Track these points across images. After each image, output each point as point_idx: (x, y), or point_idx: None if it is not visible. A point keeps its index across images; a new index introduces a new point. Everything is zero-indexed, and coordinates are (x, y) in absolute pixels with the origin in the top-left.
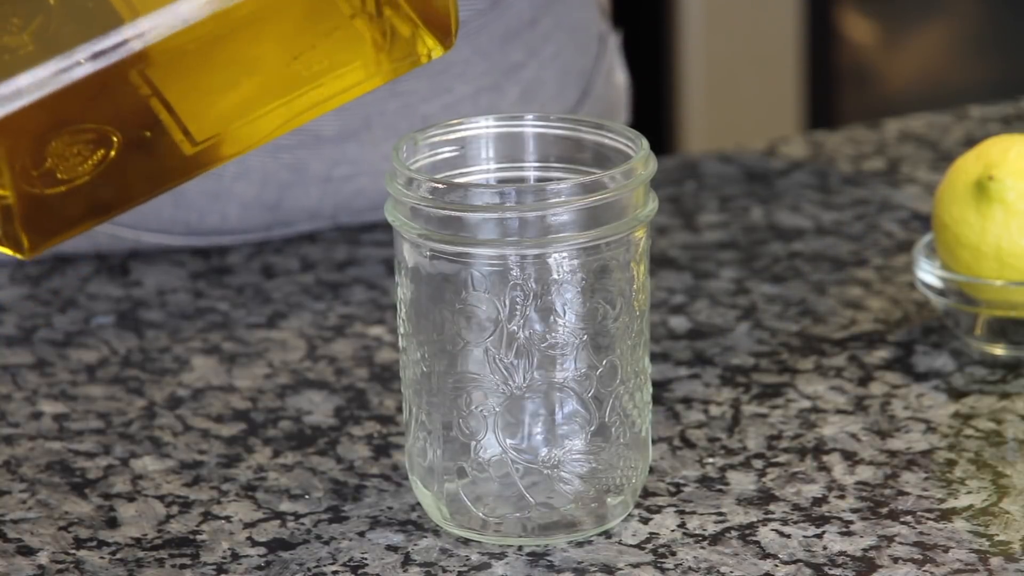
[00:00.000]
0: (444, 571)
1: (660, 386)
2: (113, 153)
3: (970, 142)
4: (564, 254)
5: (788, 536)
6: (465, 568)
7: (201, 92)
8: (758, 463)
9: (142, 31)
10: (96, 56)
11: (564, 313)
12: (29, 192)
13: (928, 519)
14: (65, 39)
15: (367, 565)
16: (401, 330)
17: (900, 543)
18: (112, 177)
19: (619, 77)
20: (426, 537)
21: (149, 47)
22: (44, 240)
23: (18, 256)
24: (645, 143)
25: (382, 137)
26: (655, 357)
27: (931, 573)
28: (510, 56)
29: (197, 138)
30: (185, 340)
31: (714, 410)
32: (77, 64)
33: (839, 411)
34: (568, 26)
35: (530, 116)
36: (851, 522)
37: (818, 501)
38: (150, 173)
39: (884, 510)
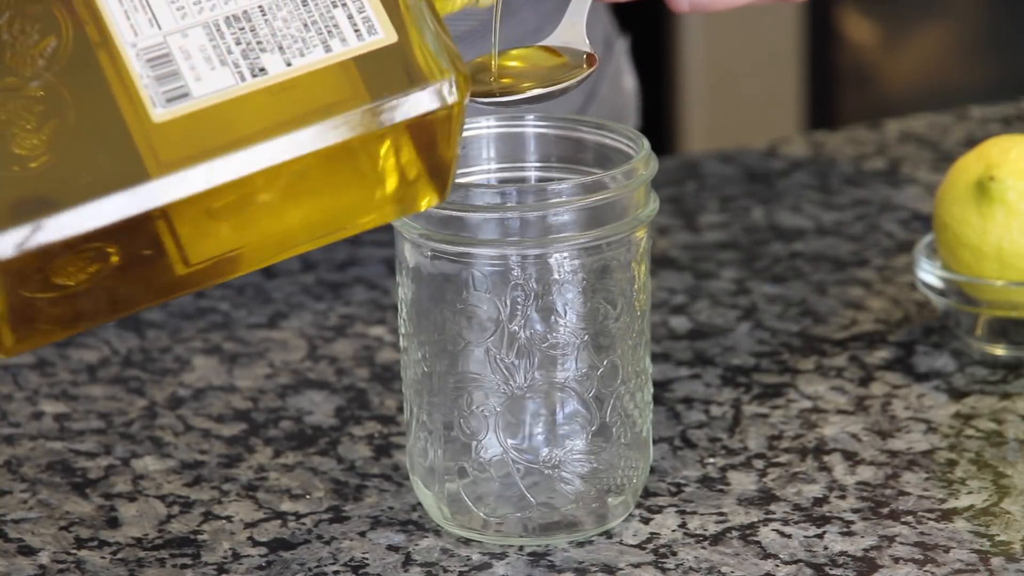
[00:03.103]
0: (445, 571)
1: (661, 386)
2: (109, 267)
3: (971, 142)
4: (565, 254)
5: (789, 536)
6: (466, 568)
7: (208, 221)
8: (759, 463)
9: (166, 189)
10: (116, 210)
11: (565, 313)
12: (20, 294)
13: (929, 519)
14: (84, 173)
15: (368, 565)
16: (402, 330)
17: (901, 543)
18: (103, 289)
19: (627, 82)
20: (427, 537)
21: (172, 204)
22: (25, 341)
23: (4, 348)
24: (646, 143)
25: None
26: (656, 357)
27: (932, 573)
28: None
29: (191, 261)
30: (186, 340)
31: (715, 410)
32: (95, 216)
33: (840, 411)
34: None
35: (531, 116)
36: (852, 522)
37: (819, 501)
38: (139, 287)
39: (885, 510)
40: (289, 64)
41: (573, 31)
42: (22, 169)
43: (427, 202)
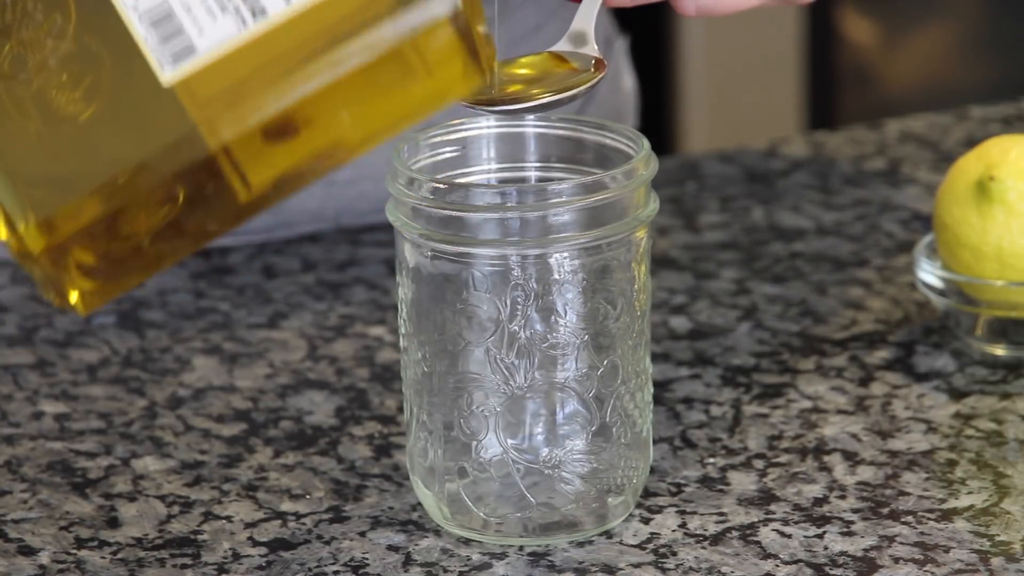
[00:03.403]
0: (445, 571)
1: (661, 386)
2: (177, 208)
3: (971, 142)
4: (565, 254)
5: (789, 536)
6: (466, 568)
7: (264, 152)
8: (759, 463)
9: (218, 133)
10: (174, 164)
11: (565, 313)
12: (97, 250)
13: (929, 519)
14: (134, 131)
15: (368, 565)
16: (402, 330)
17: (901, 543)
18: (171, 230)
19: (626, 82)
20: (427, 537)
21: (227, 141)
22: (107, 292)
23: (78, 313)
24: (646, 143)
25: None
26: (656, 357)
27: (932, 573)
28: None
29: (253, 186)
30: (186, 340)
31: (715, 410)
32: (154, 169)
33: (840, 411)
34: None
35: (531, 116)
36: (852, 522)
37: (819, 501)
38: (205, 223)
39: (885, 510)
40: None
41: (582, 36)
42: (74, 127)
43: (471, 84)
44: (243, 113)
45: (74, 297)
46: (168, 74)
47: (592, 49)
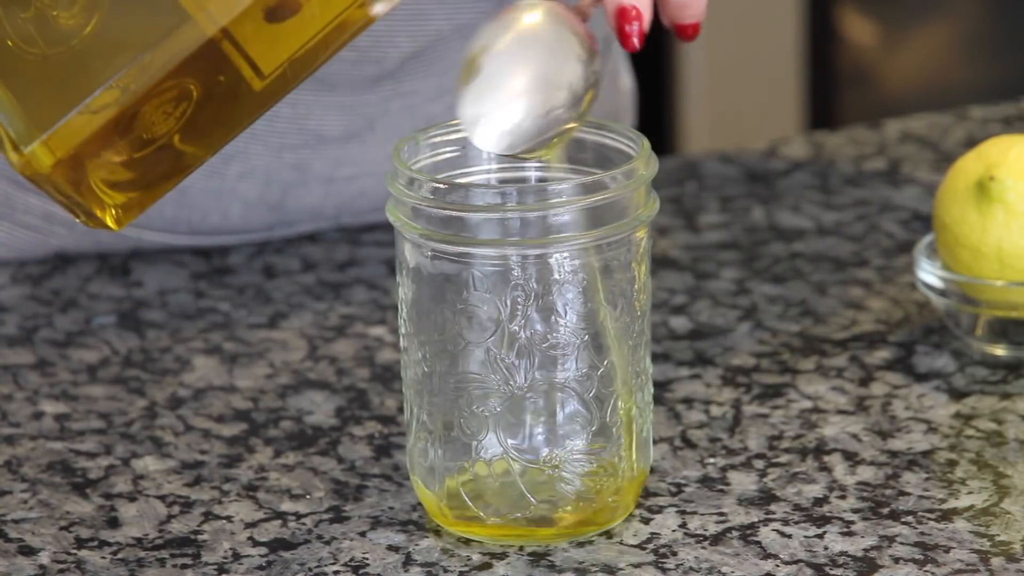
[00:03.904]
0: (445, 571)
1: (661, 386)
2: (194, 102)
3: (971, 142)
4: (565, 254)
5: (789, 536)
6: (466, 568)
7: (264, 25)
8: (759, 463)
9: (218, 19)
10: (175, 53)
11: (565, 313)
12: (127, 157)
13: (929, 519)
14: (135, 29)
15: (368, 565)
16: (402, 330)
17: (901, 543)
18: (193, 127)
19: (624, 81)
20: (427, 537)
21: (227, 25)
22: (139, 206)
23: (111, 227)
24: (646, 143)
25: (385, 138)
26: (656, 357)
27: (932, 573)
28: None
29: (265, 72)
30: (186, 340)
31: (715, 410)
32: (160, 65)
33: (840, 411)
34: None
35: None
36: (852, 522)
37: (819, 501)
38: (225, 116)
39: (885, 510)
40: None
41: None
42: (80, 40)
43: None
44: None
45: (107, 214)
46: None
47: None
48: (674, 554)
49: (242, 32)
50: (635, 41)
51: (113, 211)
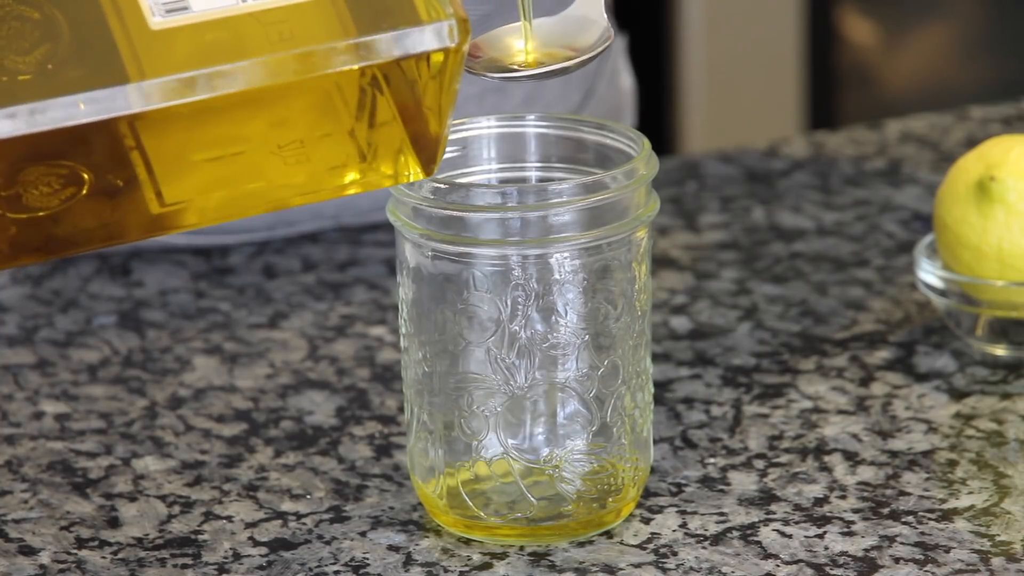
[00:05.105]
0: (445, 571)
1: (661, 386)
2: (82, 193)
3: (971, 143)
4: (566, 254)
5: (789, 536)
6: (467, 568)
7: (182, 157)
8: (759, 463)
9: (144, 94)
10: (93, 106)
11: (566, 313)
12: None
13: (929, 519)
14: (66, 78)
15: (368, 565)
16: (403, 330)
17: (901, 543)
18: (74, 217)
19: (624, 80)
20: (427, 537)
21: (146, 111)
22: None
23: None
24: (646, 143)
25: None
26: (656, 357)
27: (932, 573)
28: None
29: (166, 200)
30: (186, 340)
31: (715, 410)
32: (73, 108)
33: (840, 411)
34: None
35: (532, 116)
36: (852, 522)
37: (819, 501)
38: (111, 222)
39: (885, 510)
40: None
41: (592, 2)
42: (10, 80)
43: (410, 175)
44: (175, 88)
45: None
46: (158, 20)
47: (601, 16)
48: (674, 554)
49: (153, 143)
50: None
51: None
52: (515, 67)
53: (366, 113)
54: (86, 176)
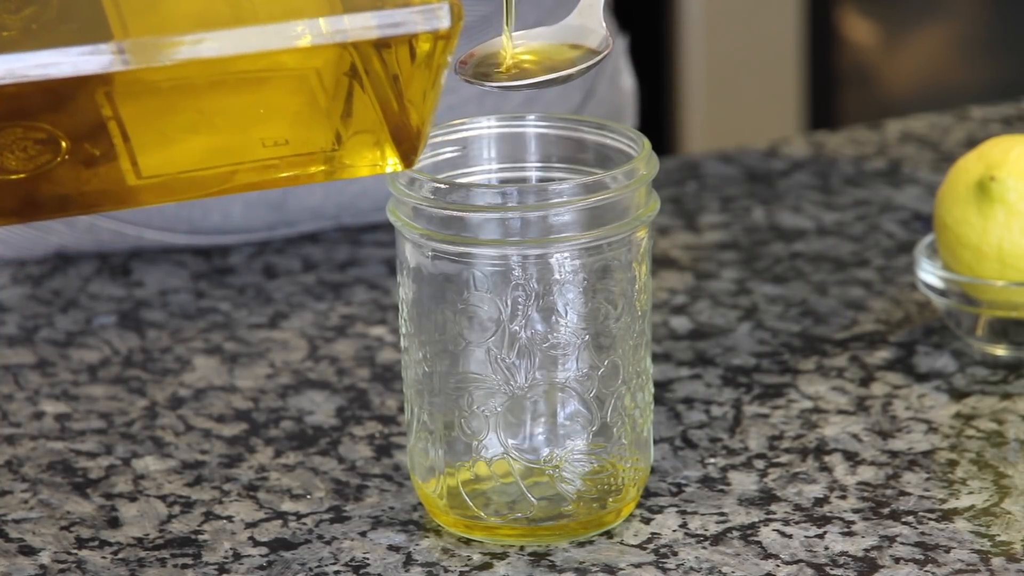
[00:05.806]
0: (446, 571)
1: (661, 386)
2: (58, 160)
3: (971, 143)
4: (566, 254)
5: (790, 536)
6: (467, 568)
7: (161, 131)
8: (759, 463)
9: (126, 55)
10: (74, 62)
11: (566, 313)
12: None
13: (929, 519)
14: (51, 36)
15: (369, 565)
16: (403, 330)
17: (902, 543)
18: (50, 182)
19: (625, 81)
20: (428, 537)
21: (127, 72)
22: None
23: None
24: (647, 143)
25: None
26: (656, 357)
27: (932, 573)
28: None
29: (143, 173)
30: (187, 340)
31: (715, 410)
32: (54, 64)
33: (840, 411)
34: None
35: (532, 116)
36: (853, 522)
37: (819, 501)
38: (87, 191)
39: (886, 510)
40: None
41: (590, 11)
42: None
43: (389, 166)
44: (155, 50)
45: None
46: None
47: (600, 25)
48: (675, 554)
49: (130, 112)
50: None
51: None
52: (513, 76)
53: (342, 101)
54: (64, 143)
